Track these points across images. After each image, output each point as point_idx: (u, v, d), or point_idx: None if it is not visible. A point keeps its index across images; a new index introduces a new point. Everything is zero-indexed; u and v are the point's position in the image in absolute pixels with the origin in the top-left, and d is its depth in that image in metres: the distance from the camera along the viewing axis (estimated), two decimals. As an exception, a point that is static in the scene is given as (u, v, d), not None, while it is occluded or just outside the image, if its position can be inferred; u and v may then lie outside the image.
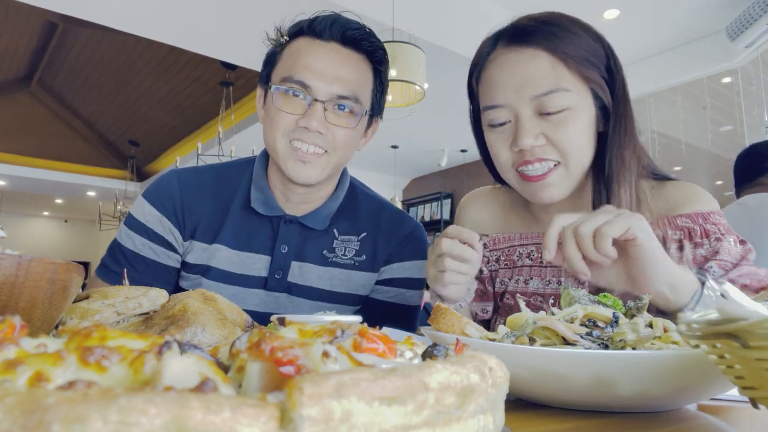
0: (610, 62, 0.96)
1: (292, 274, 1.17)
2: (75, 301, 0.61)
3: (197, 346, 0.27)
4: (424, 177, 9.76)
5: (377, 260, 1.21)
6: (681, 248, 0.95)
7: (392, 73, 3.60)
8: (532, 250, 1.09)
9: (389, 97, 3.98)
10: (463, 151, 8.16)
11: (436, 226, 9.28)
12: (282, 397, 0.22)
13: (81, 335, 0.26)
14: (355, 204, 1.24)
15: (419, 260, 1.26)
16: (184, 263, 1.16)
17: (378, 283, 1.23)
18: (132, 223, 1.14)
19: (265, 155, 1.20)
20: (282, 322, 0.35)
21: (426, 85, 3.85)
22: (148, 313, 0.62)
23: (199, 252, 1.14)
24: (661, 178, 1.06)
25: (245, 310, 1.11)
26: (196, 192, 1.16)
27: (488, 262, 1.15)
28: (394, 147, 8.04)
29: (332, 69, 1.06)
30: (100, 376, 0.23)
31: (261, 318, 1.14)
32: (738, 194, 2.52)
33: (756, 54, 4.87)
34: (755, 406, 0.44)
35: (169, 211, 1.13)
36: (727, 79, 5.82)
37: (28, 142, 9.64)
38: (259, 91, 1.17)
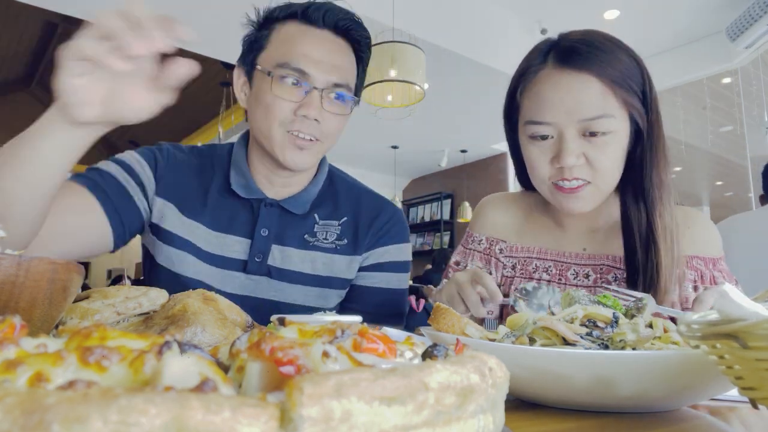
0: (646, 86, 1.01)
1: (273, 258, 1.16)
2: (75, 301, 0.61)
3: (197, 346, 0.27)
4: (424, 177, 9.76)
5: (359, 244, 1.22)
6: (695, 288, 1.02)
7: (392, 73, 3.60)
8: (550, 266, 1.12)
9: (389, 97, 3.98)
10: (463, 151, 8.16)
11: (436, 227, 9.28)
12: (282, 397, 0.22)
13: (81, 335, 0.26)
14: (334, 190, 1.26)
15: (402, 243, 1.28)
16: (156, 226, 1.15)
17: (363, 269, 1.24)
18: (114, 158, 1.16)
19: (245, 139, 1.22)
20: (282, 322, 0.35)
21: (426, 85, 3.85)
22: (148, 313, 0.62)
23: (174, 219, 1.14)
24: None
25: (225, 293, 1.11)
26: (180, 163, 1.19)
27: (504, 268, 1.17)
28: (394, 147, 8.04)
29: (328, 57, 1.08)
30: (100, 376, 0.23)
31: (241, 301, 1.12)
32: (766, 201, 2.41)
33: (756, 54, 4.87)
34: (755, 406, 0.44)
35: (150, 159, 1.16)
36: (727, 80, 5.83)
37: (28, 142, 9.64)
38: (239, 75, 1.16)
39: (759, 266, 1.81)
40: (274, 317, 0.45)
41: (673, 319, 1.01)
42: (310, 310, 1.18)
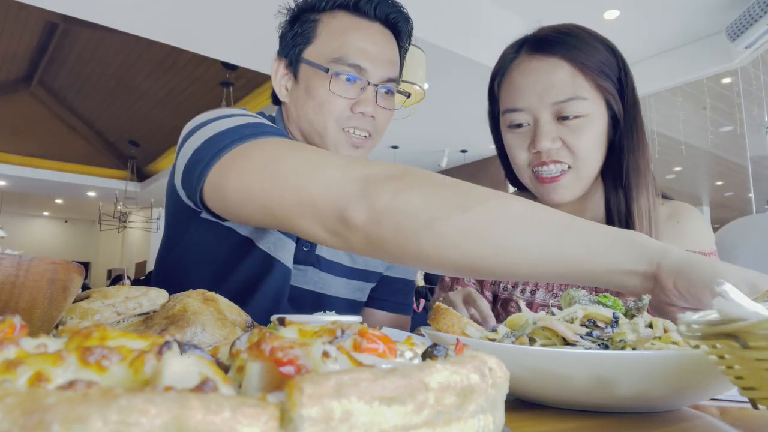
0: (622, 73, 1.02)
1: (320, 248, 1.14)
2: (75, 301, 0.61)
3: (197, 346, 0.27)
4: (424, 177, 9.76)
5: None
6: None
7: (392, 73, 3.60)
8: None
9: (389, 97, 3.98)
10: (463, 151, 8.16)
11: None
12: (282, 397, 0.22)
13: (81, 335, 0.26)
14: None
15: None
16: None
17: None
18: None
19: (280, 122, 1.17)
20: (282, 322, 0.35)
21: (426, 85, 3.85)
22: (148, 313, 0.62)
23: None
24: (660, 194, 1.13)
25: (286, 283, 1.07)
26: None
27: None
28: (394, 147, 8.04)
29: (383, 51, 1.06)
30: (100, 376, 0.23)
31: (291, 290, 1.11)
32: None
33: (756, 54, 4.87)
34: (755, 406, 0.44)
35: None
36: (727, 80, 5.83)
37: (28, 142, 9.64)
38: (278, 67, 1.11)
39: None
40: (274, 317, 0.45)
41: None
42: (349, 303, 1.19)
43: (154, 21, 4.48)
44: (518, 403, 0.60)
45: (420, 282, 5.48)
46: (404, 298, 1.32)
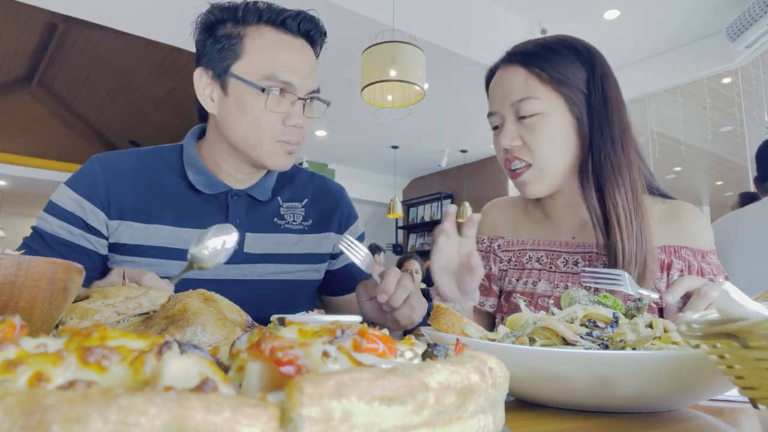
0: (590, 76, 1.09)
1: (248, 245, 1.19)
2: (75, 301, 0.61)
3: (197, 346, 0.27)
4: (424, 177, 9.76)
5: (326, 223, 1.30)
6: None
7: (392, 73, 3.60)
8: (541, 255, 1.19)
9: (389, 97, 3.98)
10: (463, 151, 8.16)
11: (436, 226, 9.27)
12: (282, 397, 0.22)
13: (81, 335, 0.26)
14: (289, 175, 1.32)
15: (356, 219, 1.40)
16: (116, 245, 1.13)
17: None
18: (50, 207, 1.12)
19: (194, 138, 1.23)
20: (282, 322, 0.35)
21: (426, 85, 3.85)
22: (148, 313, 0.62)
23: (133, 231, 1.12)
24: (658, 193, 1.18)
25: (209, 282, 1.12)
26: (121, 173, 1.15)
27: (500, 262, 1.25)
28: (394, 147, 8.04)
29: (308, 66, 1.12)
30: (100, 376, 0.23)
31: (223, 286, 1.13)
32: (763, 190, 2.14)
33: (756, 54, 4.87)
34: (755, 406, 0.44)
35: (90, 192, 1.11)
36: (727, 80, 5.83)
37: (28, 142, 9.64)
38: (201, 77, 1.13)
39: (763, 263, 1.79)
40: (274, 317, 0.46)
41: (660, 312, 1.04)
42: (290, 283, 1.24)
43: (154, 21, 4.48)
44: (518, 403, 0.60)
45: (421, 285, 5.51)
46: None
